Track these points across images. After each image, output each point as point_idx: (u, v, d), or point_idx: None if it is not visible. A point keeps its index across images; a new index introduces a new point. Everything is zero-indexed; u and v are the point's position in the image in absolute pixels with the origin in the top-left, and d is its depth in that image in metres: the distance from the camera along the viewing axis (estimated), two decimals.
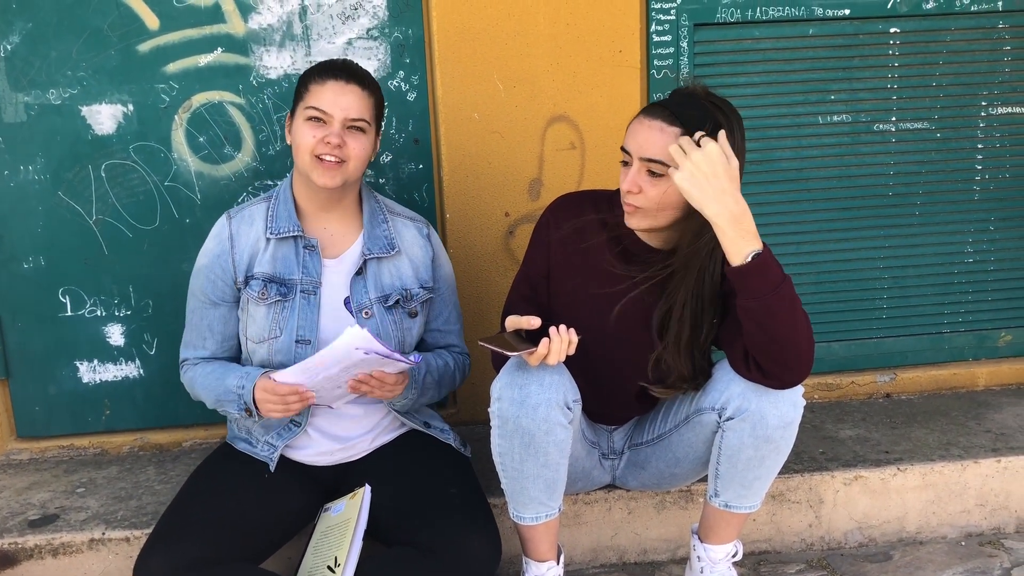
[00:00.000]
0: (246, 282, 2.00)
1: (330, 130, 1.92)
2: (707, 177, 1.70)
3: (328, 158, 1.92)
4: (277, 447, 2.03)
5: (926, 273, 2.78)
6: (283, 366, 1.94)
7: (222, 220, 2.05)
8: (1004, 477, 2.35)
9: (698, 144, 1.71)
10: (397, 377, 1.93)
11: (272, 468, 2.02)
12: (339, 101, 1.92)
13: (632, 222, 1.85)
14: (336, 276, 2.03)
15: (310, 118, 1.93)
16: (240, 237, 2.01)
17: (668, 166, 1.76)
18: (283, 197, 2.03)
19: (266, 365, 2.00)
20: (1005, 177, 2.74)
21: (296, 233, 2.00)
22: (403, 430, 2.15)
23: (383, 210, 2.11)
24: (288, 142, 2.01)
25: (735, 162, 1.72)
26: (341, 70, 1.96)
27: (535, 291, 2.02)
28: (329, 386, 1.91)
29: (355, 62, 2.02)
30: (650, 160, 1.78)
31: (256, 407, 1.92)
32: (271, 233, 2.00)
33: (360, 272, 2.03)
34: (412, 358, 1.88)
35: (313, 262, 2.01)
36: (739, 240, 1.71)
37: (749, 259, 1.71)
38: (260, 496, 1.97)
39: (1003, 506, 2.36)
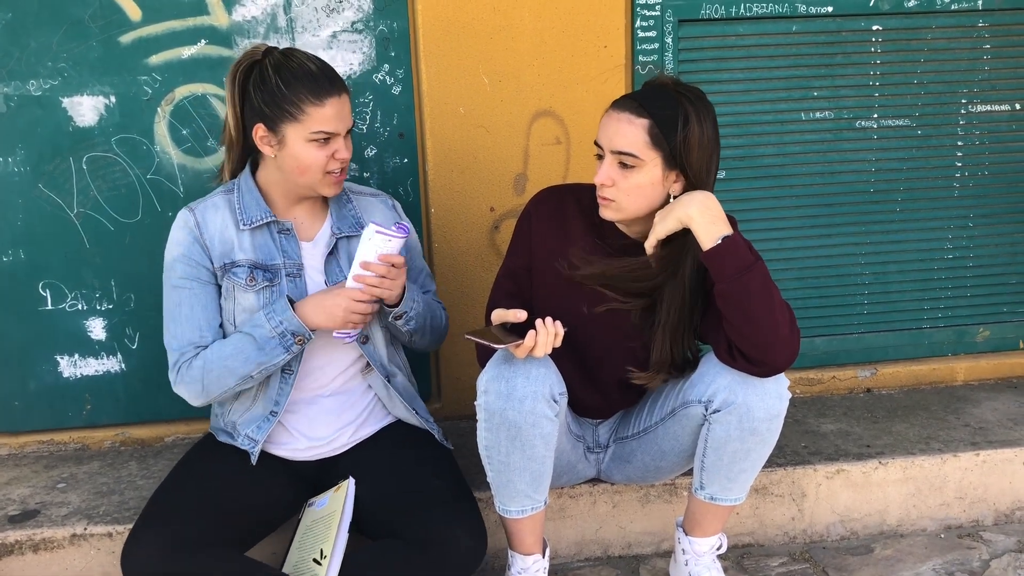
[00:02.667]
0: (225, 270, 1.97)
1: (338, 144, 1.91)
2: (668, 208, 1.83)
3: (337, 170, 1.94)
4: (258, 441, 2.01)
5: (906, 269, 2.80)
6: None
7: (183, 212, 2.01)
8: (982, 470, 2.38)
9: None
10: (400, 259, 1.91)
11: (253, 461, 2.01)
12: (341, 115, 1.91)
13: (607, 214, 1.88)
14: (313, 258, 2.04)
15: (316, 140, 1.89)
16: (207, 224, 1.98)
17: (639, 158, 1.80)
18: (246, 188, 2.00)
19: None
20: (984, 175, 2.77)
21: (269, 219, 1.99)
22: (385, 422, 2.14)
23: (346, 192, 2.12)
24: (269, 153, 1.93)
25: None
26: (330, 83, 1.89)
27: (518, 285, 2.03)
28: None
29: (325, 62, 1.94)
30: (621, 152, 1.81)
31: (305, 329, 1.89)
32: (244, 224, 1.98)
33: (333, 252, 2.04)
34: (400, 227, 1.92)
35: (291, 245, 2.01)
36: (709, 225, 1.78)
37: (719, 241, 1.76)
38: (245, 485, 1.96)
39: (981, 499, 2.39)
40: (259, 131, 1.91)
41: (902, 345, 2.85)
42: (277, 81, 1.87)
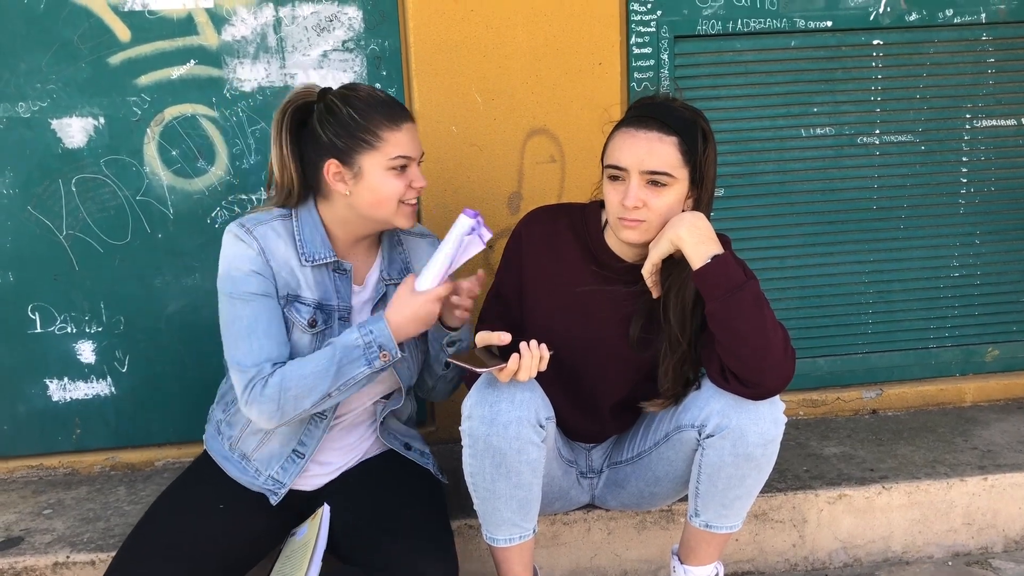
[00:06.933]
0: (288, 301, 1.88)
1: (413, 172, 1.86)
2: (661, 232, 1.81)
3: (413, 201, 1.87)
4: (284, 484, 1.96)
5: (912, 287, 2.74)
6: None
7: (242, 232, 1.85)
8: (991, 495, 2.30)
9: None
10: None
11: (274, 502, 1.95)
12: (415, 140, 1.86)
13: (632, 236, 1.82)
14: (359, 304, 1.97)
15: (395, 168, 1.82)
16: (271, 251, 1.86)
17: (673, 176, 1.77)
18: (309, 221, 1.90)
19: None
20: (990, 190, 2.71)
21: (331, 259, 1.90)
22: (383, 450, 2.10)
23: (396, 232, 2.05)
24: (343, 191, 1.83)
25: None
26: (401, 108, 1.85)
27: (507, 306, 1.99)
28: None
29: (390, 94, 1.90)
30: (655, 172, 1.76)
31: (394, 345, 1.81)
32: (305, 260, 1.88)
33: (384, 298, 1.97)
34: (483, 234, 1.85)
35: (345, 287, 1.93)
36: (698, 245, 1.75)
37: (708, 260, 1.73)
38: (228, 521, 1.90)
39: (990, 525, 2.32)
40: (331, 167, 1.83)
41: (908, 365, 2.78)
42: (349, 112, 1.81)
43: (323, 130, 1.82)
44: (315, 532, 1.84)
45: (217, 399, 2.11)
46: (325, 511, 1.88)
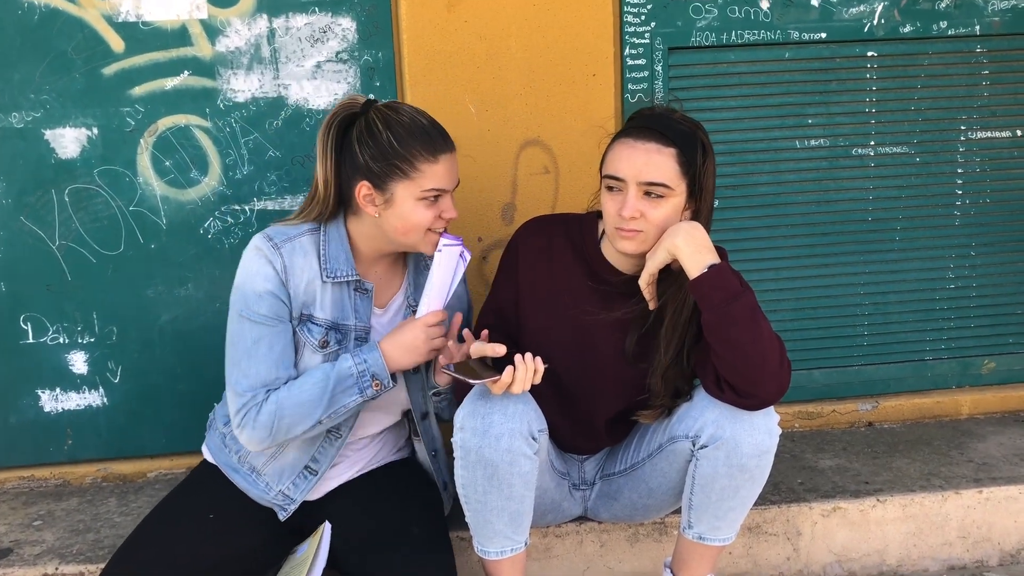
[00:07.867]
0: (301, 321, 1.86)
1: (445, 203, 1.84)
2: (658, 242, 1.79)
3: (441, 230, 1.85)
4: (295, 500, 1.94)
5: (907, 299, 2.73)
6: None
7: (269, 247, 1.82)
8: (986, 508, 2.29)
9: None
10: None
11: (282, 517, 1.94)
12: (452, 172, 1.84)
13: (629, 247, 1.82)
14: (380, 327, 1.95)
15: (427, 198, 1.81)
16: (294, 270, 1.83)
17: (671, 188, 1.77)
18: (335, 236, 1.88)
19: None
20: (986, 202, 2.71)
21: (353, 278, 1.89)
22: (391, 460, 2.10)
23: (424, 256, 2.02)
24: (372, 213, 1.82)
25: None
26: (443, 139, 1.83)
27: (503, 319, 1.98)
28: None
29: (431, 116, 1.87)
30: (652, 183, 1.76)
31: (387, 374, 1.82)
32: (327, 276, 1.86)
33: None
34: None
35: (365, 307, 1.91)
36: (695, 254, 1.74)
37: (705, 269, 1.72)
38: (224, 534, 1.87)
39: (985, 538, 2.31)
40: (363, 189, 1.81)
41: (904, 377, 2.77)
42: (389, 137, 1.78)
43: (360, 150, 1.80)
44: (314, 548, 1.83)
45: (219, 411, 2.07)
46: (326, 529, 1.87)
